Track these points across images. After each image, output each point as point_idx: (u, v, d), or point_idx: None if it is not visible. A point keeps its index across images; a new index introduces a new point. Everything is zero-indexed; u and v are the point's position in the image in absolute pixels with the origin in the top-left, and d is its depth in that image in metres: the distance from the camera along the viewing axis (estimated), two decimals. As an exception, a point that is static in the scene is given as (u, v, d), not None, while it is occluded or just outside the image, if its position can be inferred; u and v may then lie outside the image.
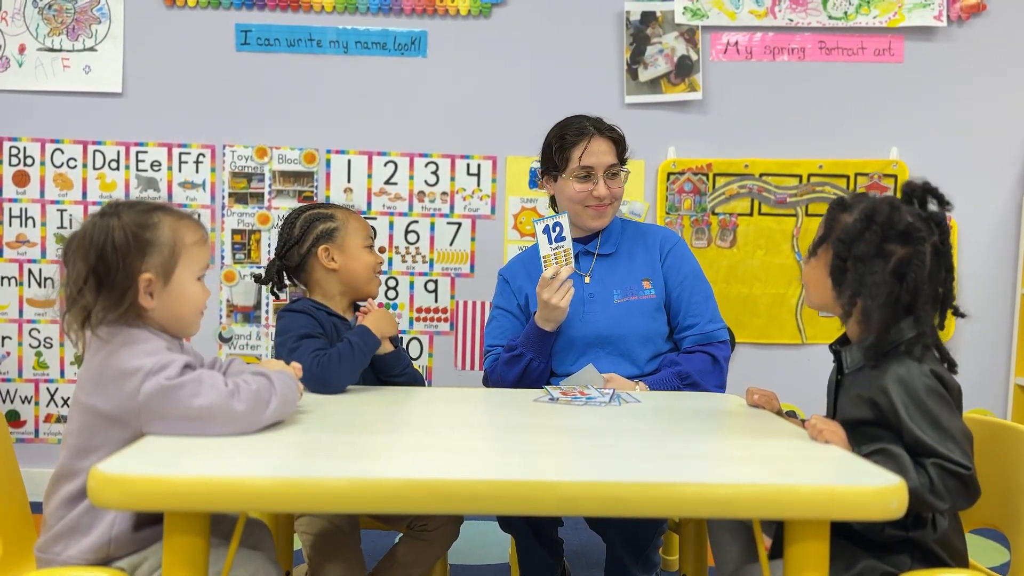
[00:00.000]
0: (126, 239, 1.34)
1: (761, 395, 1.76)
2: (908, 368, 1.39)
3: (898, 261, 1.42)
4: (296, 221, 2.04)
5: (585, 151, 2.15)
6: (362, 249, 2.03)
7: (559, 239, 2.07)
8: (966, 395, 1.45)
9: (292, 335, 1.89)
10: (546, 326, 2.08)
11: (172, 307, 1.40)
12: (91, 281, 1.33)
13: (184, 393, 1.29)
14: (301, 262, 2.03)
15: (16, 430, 3.26)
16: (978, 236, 3.29)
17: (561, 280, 2.04)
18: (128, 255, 1.34)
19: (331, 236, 2.01)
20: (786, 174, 3.28)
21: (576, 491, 1.10)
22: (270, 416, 1.36)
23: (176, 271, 1.39)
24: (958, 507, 1.34)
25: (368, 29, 3.26)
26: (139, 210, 1.39)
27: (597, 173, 2.16)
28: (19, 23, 3.23)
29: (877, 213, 1.43)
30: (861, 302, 1.43)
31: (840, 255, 1.45)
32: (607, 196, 2.17)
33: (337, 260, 2.01)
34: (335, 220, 2.03)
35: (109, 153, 3.26)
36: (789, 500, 1.10)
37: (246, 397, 1.33)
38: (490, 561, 2.69)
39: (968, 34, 3.27)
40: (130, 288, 1.34)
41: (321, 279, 2.03)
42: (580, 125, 2.20)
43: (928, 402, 1.35)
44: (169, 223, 1.40)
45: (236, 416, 1.31)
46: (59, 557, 1.35)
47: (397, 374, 2.03)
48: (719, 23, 3.26)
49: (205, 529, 1.16)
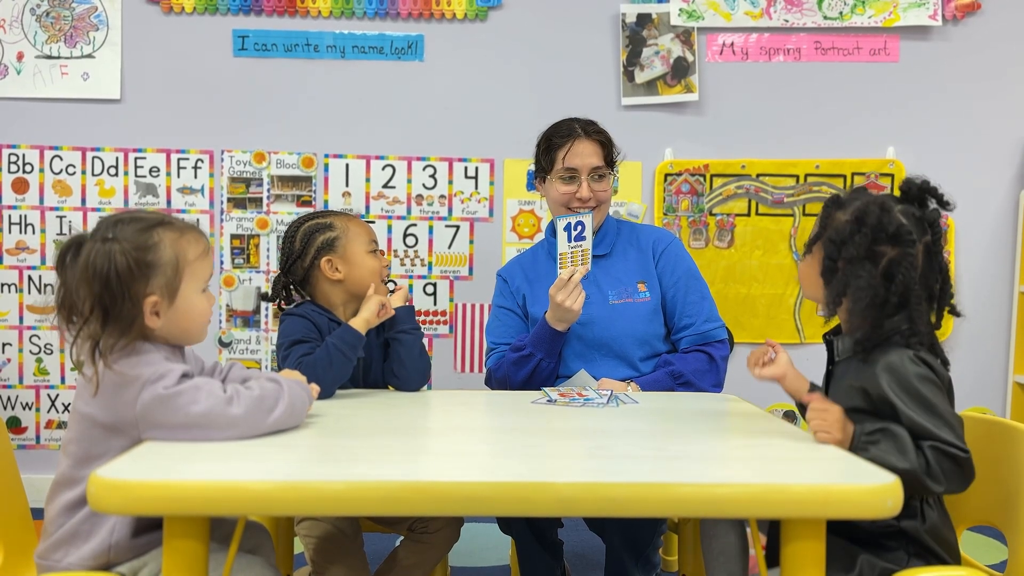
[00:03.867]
0: (128, 266, 1.32)
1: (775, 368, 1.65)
2: (900, 356, 1.40)
3: (888, 262, 1.43)
4: (296, 234, 2.00)
5: (568, 152, 2.16)
6: (365, 255, 2.00)
7: (579, 238, 2.06)
8: (965, 393, 1.47)
9: (286, 340, 1.89)
10: (558, 326, 2.08)
11: (178, 323, 1.39)
12: (97, 311, 1.31)
13: (182, 401, 1.29)
14: (305, 275, 1.99)
15: (17, 436, 3.27)
16: (976, 234, 3.30)
17: (577, 281, 2.03)
18: (132, 282, 1.33)
19: (332, 246, 1.97)
20: (783, 174, 3.29)
21: (574, 492, 1.11)
22: (274, 422, 1.37)
23: (181, 288, 1.38)
24: (953, 489, 1.34)
25: (365, 33, 3.27)
26: (138, 229, 1.36)
27: (581, 175, 2.16)
28: (17, 31, 3.24)
29: (867, 215, 1.44)
30: (846, 302, 1.45)
31: (830, 255, 1.47)
32: (591, 198, 2.17)
33: (341, 270, 1.97)
34: (335, 229, 1.99)
35: (108, 159, 3.27)
36: (785, 499, 1.11)
37: (245, 402, 1.33)
38: (490, 563, 2.69)
39: (963, 33, 3.28)
40: (137, 315, 1.33)
41: (327, 290, 1.99)
42: (568, 127, 2.21)
43: (920, 388, 1.37)
44: (170, 241, 1.38)
45: (234, 420, 1.32)
46: (59, 564, 1.35)
47: (402, 330, 1.99)
48: (715, 24, 3.27)
49: (205, 534, 1.17)
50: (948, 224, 3.26)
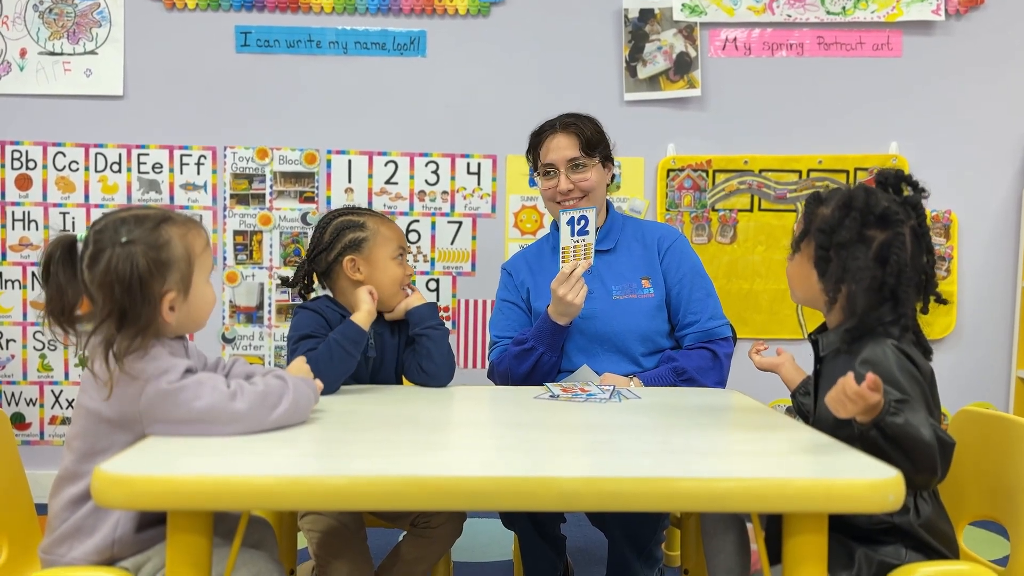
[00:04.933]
0: (148, 267, 1.33)
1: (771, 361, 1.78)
2: (882, 347, 1.40)
3: (879, 245, 1.44)
4: (328, 226, 1.99)
5: (546, 148, 2.20)
6: (390, 261, 1.98)
7: (582, 232, 2.05)
8: (967, 388, 1.47)
9: (295, 335, 1.89)
10: (560, 320, 2.07)
11: (190, 313, 1.42)
12: (114, 314, 1.32)
13: (185, 396, 1.30)
14: (328, 269, 1.99)
15: (21, 432, 3.28)
16: (978, 229, 3.29)
17: (579, 275, 2.03)
18: (152, 282, 1.34)
19: (359, 246, 1.96)
20: (786, 170, 3.29)
21: (577, 486, 1.11)
22: (278, 418, 1.38)
23: (193, 280, 1.40)
24: (923, 474, 1.30)
25: (367, 29, 3.27)
26: (148, 228, 1.37)
27: (559, 168, 2.18)
28: (20, 27, 3.24)
29: (854, 200, 1.45)
30: (846, 288, 1.45)
31: (822, 245, 1.47)
32: (572, 190, 2.17)
33: (363, 271, 1.96)
34: (365, 230, 1.97)
35: (111, 156, 3.28)
36: (787, 494, 1.11)
37: (249, 397, 1.34)
38: (493, 558, 2.70)
39: (966, 28, 3.27)
40: (155, 316, 1.35)
41: (345, 288, 1.98)
42: (547, 124, 2.24)
43: (900, 379, 1.36)
44: (179, 235, 1.39)
45: (238, 415, 1.33)
46: (63, 559, 1.36)
47: (429, 326, 1.99)
48: (717, 19, 3.26)
49: (208, 528, 1.17)
50: (951, 219, 3.25)
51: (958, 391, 3.21)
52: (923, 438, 1.27)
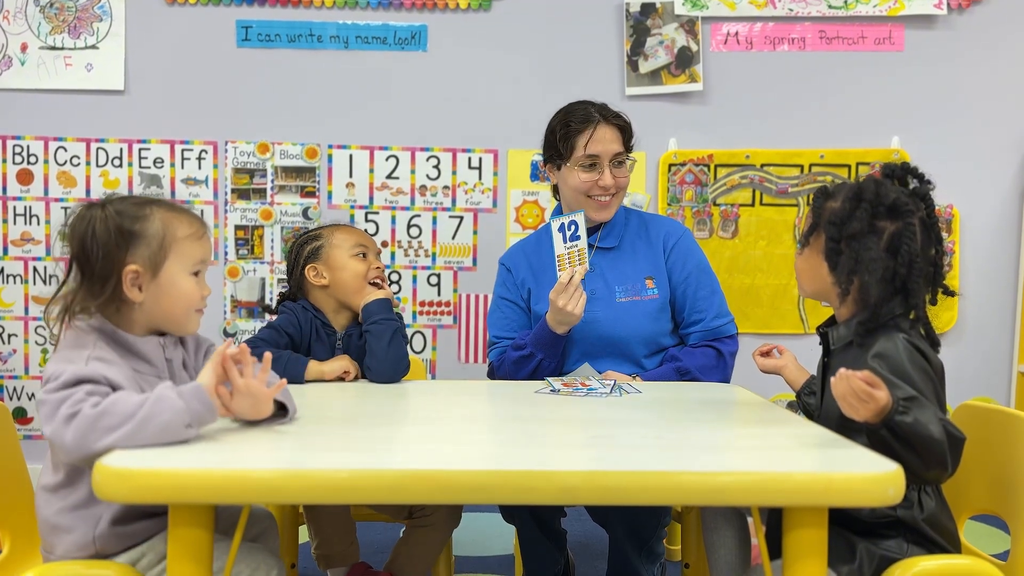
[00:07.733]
0: (107, 230, 1.34)
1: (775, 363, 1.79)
2: (894, 342, 1.41)
3: (890, 236, 1.44)
4: (292, 249, 2.11)
5: (591, 139, 2.10)
6: (349, 259, 2.04)
7: (574, 238, 2.02)
8: (969, 383, 1.48)
9: (255, 338, 1.96)
10: (559, 329, 2.04)
11: (161, 302, 1.38)
12: (75, 270, 1.34)
13: (43, 412, 1.22)
14: (299, 286, 2.08)
15: (23, 427, 3.28)
16: (980, 223, 3.29)
17: (577, 283, 1.99)
18: (109, 245, 1.34)
19: (316, 254, 2.05)
20: (787, 164, 3.28)
21: (577, 480, 1.11)
22: (113, 441, 1.17)
23: (166, 264, 1.38)
24: (933, 470, 1.31)
25: (368, 24, 3.26)
26: (131, 203, 1.39)
27: (603, 162, 2.10)
28: (21, 22, 3.24)
29: (864, 191, 1.46)
30: (858, 280, 1.45)
31: (833, 237, 1.47)
32: (612, 186, 2.11)
33: (325, 276, 2.03)
34: (320, 238, 2.08)
35: (112, 150, 3.27)
36: (788, 487, 1.11)
37: (80, 423, 1.18)
38: (494, 552, 2.70)
39: (968, 21, 3.26)
40: (110, 278, 1.34)
41: (319, 298, 2.06)
42: (585, 111, 2.14)
43: (912, 372, 1.37)
44: (161, 216, 1.39)
45: (66, 448, 1.19)
46: (52, 555, 1.36)
47: (373, 322, 1.97)
48: (719, 13, 3.25)
49: (209, 522, 1.17)
50: (953, 214, 3.25)
51: (959, 385, 3.18)
52: (932, 435, 1.27)
